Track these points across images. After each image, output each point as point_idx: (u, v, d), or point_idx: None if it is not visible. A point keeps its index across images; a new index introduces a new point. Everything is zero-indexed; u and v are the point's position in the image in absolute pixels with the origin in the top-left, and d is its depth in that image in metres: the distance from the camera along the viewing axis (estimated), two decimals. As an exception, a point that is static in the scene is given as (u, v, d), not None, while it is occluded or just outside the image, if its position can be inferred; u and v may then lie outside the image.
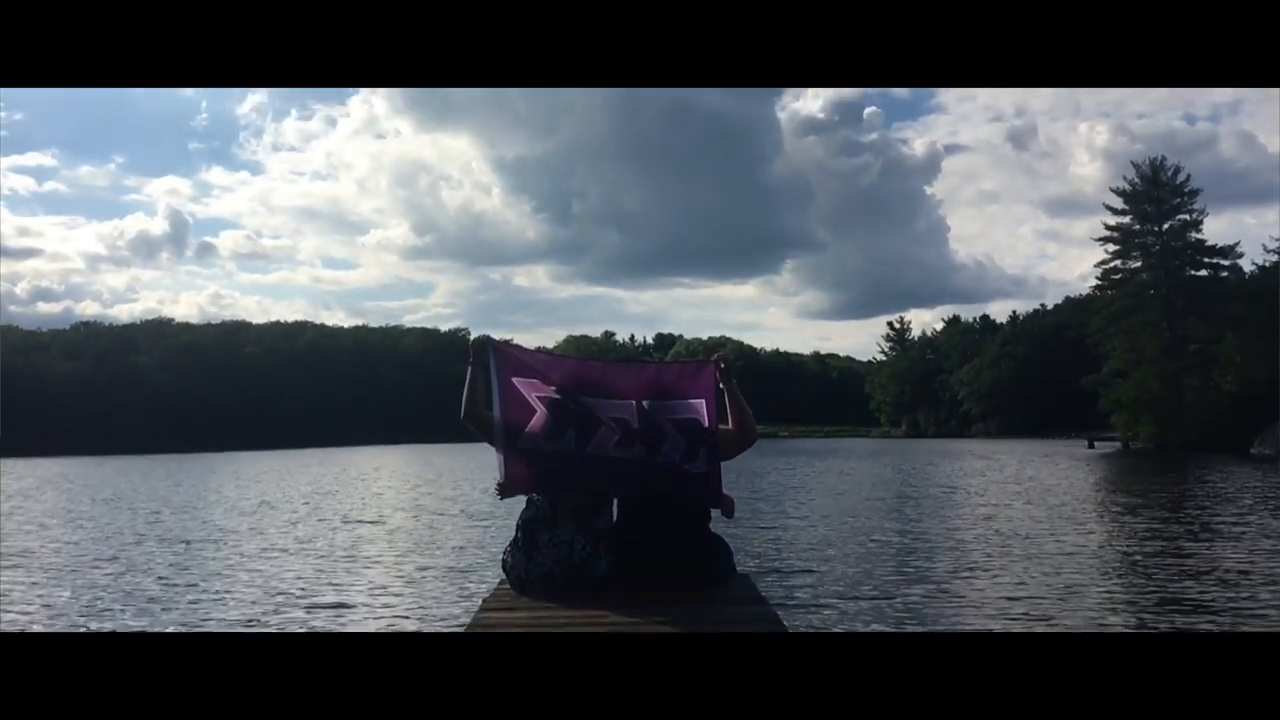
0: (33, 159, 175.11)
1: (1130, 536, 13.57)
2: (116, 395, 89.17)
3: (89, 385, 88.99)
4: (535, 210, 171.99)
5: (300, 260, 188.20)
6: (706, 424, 3.55)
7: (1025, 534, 13.69)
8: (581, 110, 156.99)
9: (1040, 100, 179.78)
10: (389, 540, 14.52)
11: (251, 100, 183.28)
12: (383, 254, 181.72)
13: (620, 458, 3.56)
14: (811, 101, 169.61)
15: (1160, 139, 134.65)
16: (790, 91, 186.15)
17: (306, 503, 22.35)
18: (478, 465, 35.59)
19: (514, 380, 3.63)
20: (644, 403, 3.58)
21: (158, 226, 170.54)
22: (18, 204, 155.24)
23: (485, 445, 3.74)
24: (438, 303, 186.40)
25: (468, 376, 3.63)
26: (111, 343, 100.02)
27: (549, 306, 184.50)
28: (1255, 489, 21.62)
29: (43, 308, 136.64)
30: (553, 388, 3.61)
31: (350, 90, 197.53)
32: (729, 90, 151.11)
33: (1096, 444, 54.31)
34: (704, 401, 3.56)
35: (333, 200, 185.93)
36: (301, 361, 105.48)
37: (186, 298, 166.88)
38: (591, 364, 3.80)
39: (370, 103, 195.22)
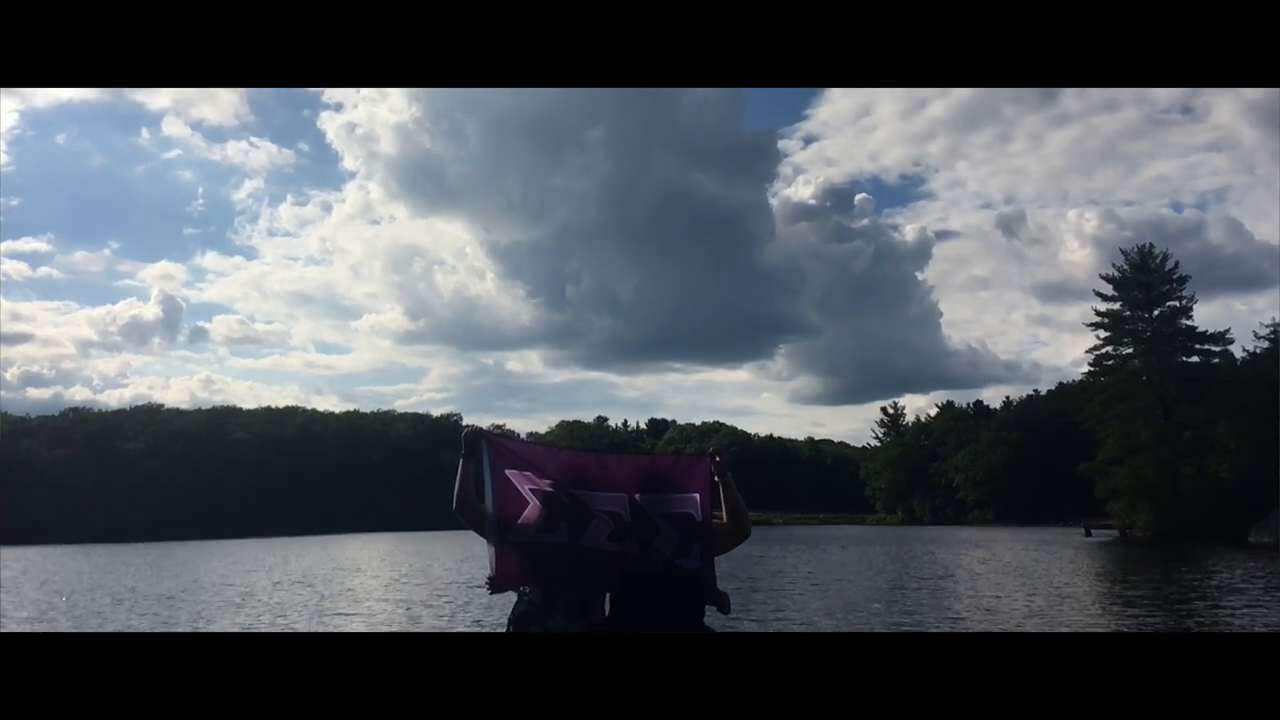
0: (28, 244, 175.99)
1: (1139, 630, 13.26)
2: (103, 482, 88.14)
3: (76, 472, 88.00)
4: (529, 295, 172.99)
5: (293, 345, 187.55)
6: (700, 518, 3.49)
7: (1031, 629, 13.37)
8: (576, 196, 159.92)
9: (1029, 187, 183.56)
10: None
11: (248, 186, 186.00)
12: (376, 339, 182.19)
13: (613, 551, 3.49)
14: (803, 188, 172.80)
15: (1149, 225, 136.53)
16: (782, 177, 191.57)
17: (289, 592, 21.82)
18: (469, 554, 34.98)
19: (507, 473, 3.57)
20: (636, 496, 3.52)
21: (150, 311, 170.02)
22: (11, 289, 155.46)
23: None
24: (430, 387, 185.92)
25: (460, 468, 3.59)
26: (100, 429, 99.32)
27: (542, 391, 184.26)
28: (1259, 579, 21.31)
29: (32, 393, 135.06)
30: (547, 480, 3.56)
31: (346, 176, 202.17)
32: (721, 176, 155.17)
33: (1094, 532, 53.70)
34: (699, 495, 3.50)
35: (326, 285, 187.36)
36: (292, 447, 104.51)
37: (178, 383, 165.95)
38: (585, 456, 3.75)
39: (366, 189, 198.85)
